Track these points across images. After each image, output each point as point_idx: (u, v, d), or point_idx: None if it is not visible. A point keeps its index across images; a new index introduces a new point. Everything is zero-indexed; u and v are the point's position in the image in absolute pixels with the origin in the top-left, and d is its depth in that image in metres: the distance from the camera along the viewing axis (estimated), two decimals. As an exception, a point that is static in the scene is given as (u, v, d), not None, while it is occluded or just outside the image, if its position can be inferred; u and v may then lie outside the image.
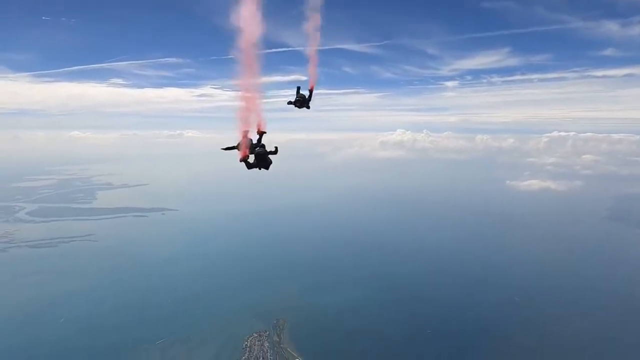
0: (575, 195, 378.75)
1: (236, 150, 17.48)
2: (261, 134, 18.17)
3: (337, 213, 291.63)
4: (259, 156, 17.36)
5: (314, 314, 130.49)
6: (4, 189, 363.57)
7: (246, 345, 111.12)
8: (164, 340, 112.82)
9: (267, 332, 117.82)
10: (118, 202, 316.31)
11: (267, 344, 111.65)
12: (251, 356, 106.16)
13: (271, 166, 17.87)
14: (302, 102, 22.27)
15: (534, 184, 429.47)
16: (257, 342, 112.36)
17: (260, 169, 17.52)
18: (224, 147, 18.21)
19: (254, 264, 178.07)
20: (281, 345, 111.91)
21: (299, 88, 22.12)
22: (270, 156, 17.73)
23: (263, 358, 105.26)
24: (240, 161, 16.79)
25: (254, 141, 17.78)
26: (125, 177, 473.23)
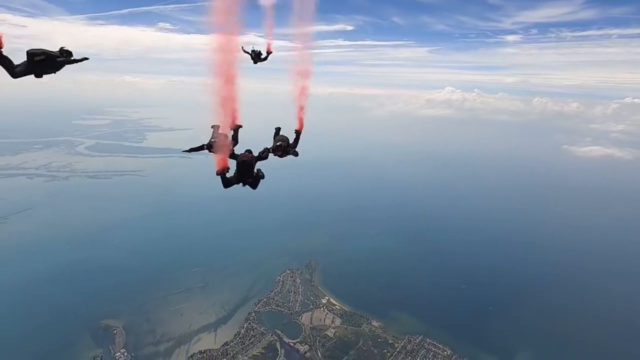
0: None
1: (207, 151, 12.98)
2: (236, 128, 13.75)
3: (375, 168, 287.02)
4: (244, 167, 12.71)
5: (346, 259, 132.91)
6: (66, 125, 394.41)
7: (279, 279, 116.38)
8: (199, 268, 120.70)
9: (300, 271, 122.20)
10: (165, 143, 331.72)
11: (299, 281, 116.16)
12: (283, 289, 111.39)
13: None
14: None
15: (596, 150, 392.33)
16: (289, 278, 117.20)
17: (244, 185, 12.88)
18: (187, 148, 13.91)
19: (291, 210, 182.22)
20: (312, 283, 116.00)
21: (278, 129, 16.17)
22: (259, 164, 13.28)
23: (295, 292, 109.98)
24: (217, 174, 12.23)
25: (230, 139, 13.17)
26: (171, 121, 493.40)
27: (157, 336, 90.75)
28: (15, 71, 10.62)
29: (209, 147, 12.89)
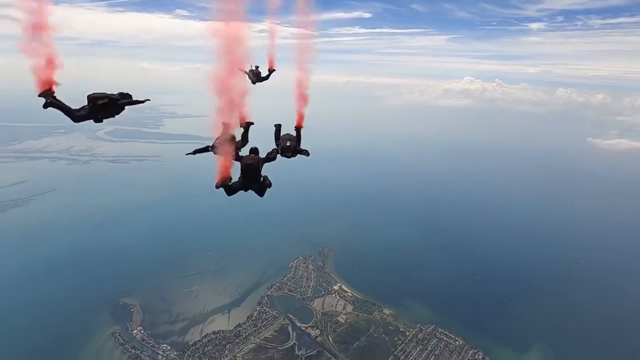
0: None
1: (211, 153, 12.24)
2: (247, 126, 12.98)
3: (391, 158, 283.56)
4: (249, 171, 11.94)
5: (359, 248, 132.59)
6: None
7: (292, 265, 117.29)
8: (214, 252, 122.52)
9: (313, 257, 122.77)
10: (182, 130, 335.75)
11: (312, 267, 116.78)
12: (296, 275, 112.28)
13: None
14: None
15: (622, 143, 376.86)
16: (302, 264, 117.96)
17: (246, 190, 12.20)
18: (191, 151, 13.33)
19: (305, 198, 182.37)
20: (324, 270, 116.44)
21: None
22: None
23: (307, 278, 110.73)
24: (218, 187, 11.57)
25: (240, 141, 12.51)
26: (189, 108, 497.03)
27: (173, 315, 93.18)
28: (76, 115, 10.69)
29: (214, 148, 12.16)
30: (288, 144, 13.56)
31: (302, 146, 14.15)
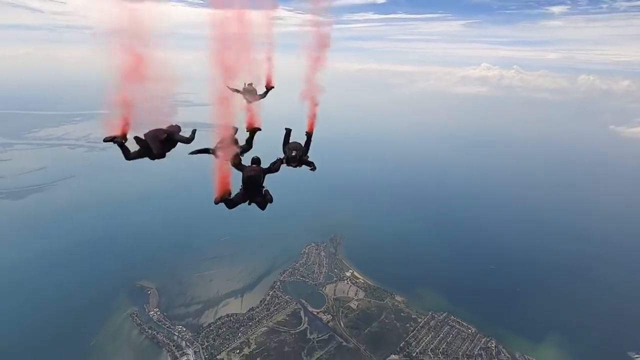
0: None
1: (212, 155, 11.61)
2: (253, 131, 12.44)
3: (405, 148, 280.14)
4: (251, 183, 11.49)
5: (371, 236, 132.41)
6: (100, 98, 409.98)
7: (304, 252, 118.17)
8: (228, 238, 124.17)
9: (325, 244, 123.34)
10: (197, 118, 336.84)
11: (324, 254, 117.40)
12: (308, 261, 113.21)
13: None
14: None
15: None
16: (314, 251, 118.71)
17: (249, 203, 11.81)
18: (194, 150, 12.54)
19: (318, 186, 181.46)
20: (336, 257, 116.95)
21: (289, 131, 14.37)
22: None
23: (319, 264, 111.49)
24: (217, 202, 11.12)
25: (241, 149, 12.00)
26: (203, 96, 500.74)
27: (188, 298, 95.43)
28: (130, 155, 11.43)
29: (214, 152, 11.69)
30: (294, 154, 13.04)
31: (311, 145, 13.74)
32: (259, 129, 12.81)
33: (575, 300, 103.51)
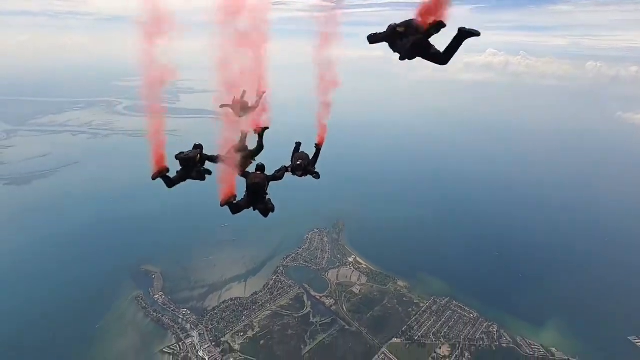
0: None
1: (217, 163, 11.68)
2: (262, 132, 12.35)
3: (409, 134, 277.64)
4: (254, 190, 11.44)
5: (374, 222, 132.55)
6: (105, 86, 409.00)
7: (307, 237, 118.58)
8: (231, 223, 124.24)
9: (327, 230, 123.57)
10: (198, 105, 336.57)
11: (327, 239, 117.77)
12: (311, 247, 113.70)
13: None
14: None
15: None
16: (317, 237, 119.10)
17: (254, 209, 11.72)
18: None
19: (321, 172, 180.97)
20: (339, 243, 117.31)
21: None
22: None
23: (322, 250, 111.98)
24: (222, 205, 11.02)
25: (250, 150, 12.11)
26: (205, 83, 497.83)
27: (192, 282, 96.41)
28: (173, 181, 12.69)
29: (222, 159, 11.84)
30: (299, 163, 13.20)
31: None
32: (267, 128, 13.02)
33: (576, 285, 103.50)
